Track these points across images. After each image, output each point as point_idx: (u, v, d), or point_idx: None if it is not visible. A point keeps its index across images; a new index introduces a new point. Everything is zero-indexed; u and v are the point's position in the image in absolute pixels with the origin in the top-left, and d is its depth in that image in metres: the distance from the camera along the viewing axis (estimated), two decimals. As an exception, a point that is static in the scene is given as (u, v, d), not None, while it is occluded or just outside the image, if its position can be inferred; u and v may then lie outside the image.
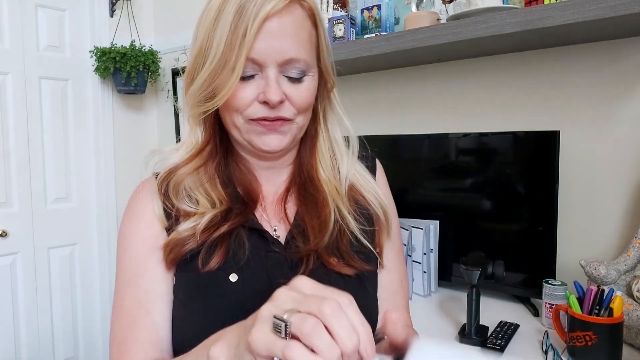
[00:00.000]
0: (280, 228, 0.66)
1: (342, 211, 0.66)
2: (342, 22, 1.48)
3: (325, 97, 0.69)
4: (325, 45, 0.64)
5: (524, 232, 1.28)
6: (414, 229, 1.36)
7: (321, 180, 0.68)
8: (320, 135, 0.70)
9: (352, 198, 0.69)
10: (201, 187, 0.64)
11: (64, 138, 2.17)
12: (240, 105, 0.59)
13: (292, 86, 0.60)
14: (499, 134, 1.32)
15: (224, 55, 0.56)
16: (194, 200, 0.64)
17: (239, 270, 0.61)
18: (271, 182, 0.70)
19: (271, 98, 0.57)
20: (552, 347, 0.97)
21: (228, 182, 0.67)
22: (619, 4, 0.98)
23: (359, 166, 0.72)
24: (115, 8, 2.28)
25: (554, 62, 1.33)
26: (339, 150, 0.71)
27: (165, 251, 0.61)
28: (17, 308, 2.04)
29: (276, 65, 0.58)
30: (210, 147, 0.66)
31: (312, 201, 0.66)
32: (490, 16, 1.14)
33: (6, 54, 1.95)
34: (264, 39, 0.56)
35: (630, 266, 1.09)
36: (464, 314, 1.09)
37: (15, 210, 2.02)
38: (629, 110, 1.23)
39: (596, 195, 1.28)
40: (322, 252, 0.63)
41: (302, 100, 0.61)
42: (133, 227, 0.65)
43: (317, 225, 0.64)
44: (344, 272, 0.62)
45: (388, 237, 0.72)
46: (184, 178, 0.64)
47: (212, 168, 0.66)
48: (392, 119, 1.67)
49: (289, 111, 0.61)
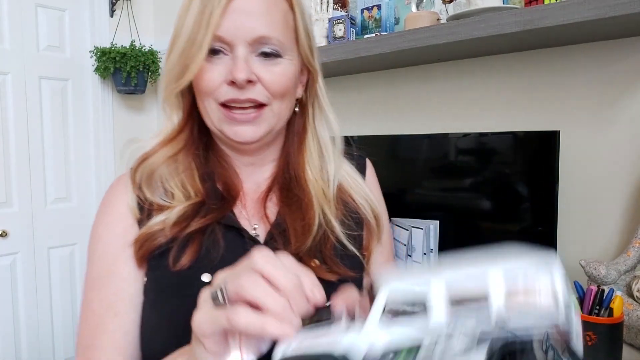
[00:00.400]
0: (260, 227, 0.63)
1: (327, 215, 0.63)
2: (342, 22, 1.48)
3: (315, 91, 0.67)
4: (303, 29, 0.61)
5: (524, 232, 1.28)
6: (414, 229, 1.36)
7: (308, 180, 0.65)
8: (309, 133, 0.67)
9: (341, 200, 0.66)
10: (177, 178, 0.62)
11: (64, 138, 2.17)
12: (208, 87, 0.57)
13: (265, 68, 0.57)
14: (499, 134, 1.32)
15: (193, 33, 0.55)
16: (169, 194, 0.61)
17: (213, 270, 0.56)
18: (253, 179, 0.67)
19: (237, 76, 0.55)
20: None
21: (207, 178, 0.64)
22: (619, 4, 0.98)
23: (347, 167, 0.69)
24: (115, 8, 2.28)
25: (554, 62, 1.33)
26: (327, 150, 0.68)
27: (136, 247, 0.59)
28: (17, 308, 2.04)
29: (246, 44, 0.56)
30: (185, 135, 0.63)
31: (296, 202, 0.63)
32: (490, 16, 1.14)
33: (6, 54, 1.95)
34: (231, 16, 0.55)
35: (630, 266, 1.09)
36: (464, 314, 1.09)
37: (15, 210, 2.02)
38: (629, 110, 1.23)
39: (596, 195, 1.28)
40: (304, 255, 0.60)
41: (276, 83, 0.58)
42: (104, 224, 0.62)
43: (299, 227, 0.61)
44: (326, 278, 0.59)
45: (378, 241, 0.69)
46: (157, 166, 0.61)
47: (189, 157, 0.63)
48: (392, 119, 1.67)
49: (261, 94, 0.58)
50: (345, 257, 0.63)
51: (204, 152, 0.65)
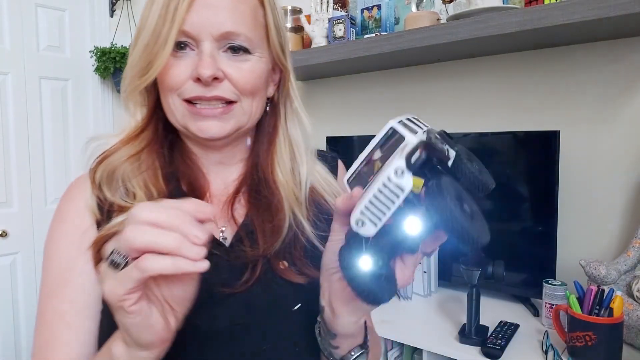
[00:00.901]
0: (227, 230, 0.61)
1: (297, 216, 0.61)
2: (342, 22, 1.48)
3: (287, 90, 0.64)
4: (274, 26, 0.59)
5: (524, 232, 1.28)
6: (414, 229, 1.35)
7: (277, 182, 0.63)
8: (280, 132, 0.65)
9: (313, 202, 0.64)
10: (139, 177, 0.59)
11: (64, 138, 2.17)
12: (173, 83, 0.55)
13: (233, 64, 0.56)
14: (499, 134, 1.32)
15: (157, 27, 0.53)
16: (131, 195, 0.58)
17: None
18: (221, 179, 0.64)
19: (202, 72, 0.53)
20: (552, 347, 0.97)
21: (171, 178, 0.61)
22: (619, 4, 0.98)
23: (320, 167, 0.67)
24: (115, 8, 2.28)
25: (554, 62, 1.33)
26: (299, 151, 0.65)
27: (94, 249, 0.56)
28: (17, 308, 2.04)
29: (212, 39, 0.54)
30: (148, 133, 0.60)
31: (265, 204, 0.61)
32: (490, 16, 1.14)
33: (6, 54, 1.95)
34: (198, 11, 0.53)
35: (630, 266, 1.09)
36: (464, 314, 1.09)
37: (15, 210, 2.02)
38: (628, 110, 1.23)
39: (596, 195, 1.28)
40: (273, 258, 0.58)
41: (244, 80, 0.56)
42: (60, 229, 0.59)
43: (268, 229, 0.59)
44: (295, 281, 0.57)
45: None
46: (118, 165, 0.58)
47: (153, 155, 0.60)
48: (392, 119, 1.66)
49: (228, 91, 0.56)
50: (316, 258, 0.59)
51: (169, 150, 0.62)
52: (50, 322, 0.55)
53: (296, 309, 0.57)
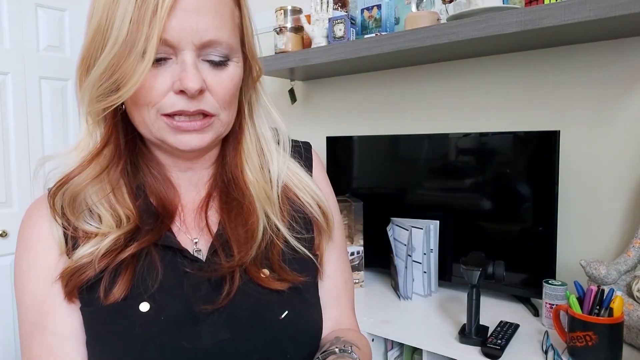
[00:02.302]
0: (201, 241, 0.58)
1: (271, 218, 0.58)
2: (342, 22, 1.48)
3: (250, 87, 0.60)
4: (249, 26, 0.56)
5: (524, 232, 1.28)
6: (414, 229, 1.36)
7: (247, 182, 0.60)
8: (245, 130, 0.61)
9: (286, 200, 0.61)
10: (105, 200, 0.54)
11: (64, 138, 2.17)
12: (152, 97, 0.49)
13: (213, 74, 0.51)
14: (499, 134, 1.32)
15: (130, 35, 0.45)
16: (96, 217, 0.54)
17: (151, 298, 0.52)
18: (191, 186, 0.61)
19: (189, 86, 0.48)
20: (553, 347, 0.97)
21: (138, 192, 0.57)
22: (619, 4, 0.98)
23: (292, 164, 0.64)
24: (115, 8, 2.28)
25: (554, 62, 1.33)
26: (268, 148, 0.62)
27: (63, 282, 0.52)
28: (17, 308, 2.04)
29: (193, 47, 0.49)
30: (110, 149, 0.54)
31: (236, 207, 0.58)
32: (490, 16, 1.14)
33: (6, 54, 1.95)
34: (178, 16, 0.47)
35: (631, 266, 1.09)
36: (464, 314, 1.09)
37: (15, 210, 2.02)
38: (629, 110, 1.23)
39: (596, 195, 1.28)
40: (250, 266, 0.55)
41: (224, 90, 0.52)
42: (28, 260, 0.55)
43: (242, 235, 0.56)
44: (275, 288, 0.55)
45: (330, 239, 0.64)
46: (82, 189, 0.54)
47: (117, 174, 0.56)
48: (392, 119, 1.67)
49: (210, 104, 0.52)
50: (294, 261, 0.59)
51: (132, 163, 0.58)
52: (39, 357, 0.53)
53: (283, 317, 0.55)
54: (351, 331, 0.64)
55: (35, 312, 0.54)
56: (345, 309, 0.67)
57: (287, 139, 0.65)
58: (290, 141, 0.65)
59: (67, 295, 0.53)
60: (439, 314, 1.25)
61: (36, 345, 0.54)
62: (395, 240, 1.39)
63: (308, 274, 0.60)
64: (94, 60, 0.49)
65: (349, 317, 0.67)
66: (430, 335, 1.12)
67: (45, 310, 0.54)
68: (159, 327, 0.51)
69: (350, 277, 0.70)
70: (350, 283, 0.69)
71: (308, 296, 0.60)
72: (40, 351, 0.53)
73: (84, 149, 0.55)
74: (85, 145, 0.55)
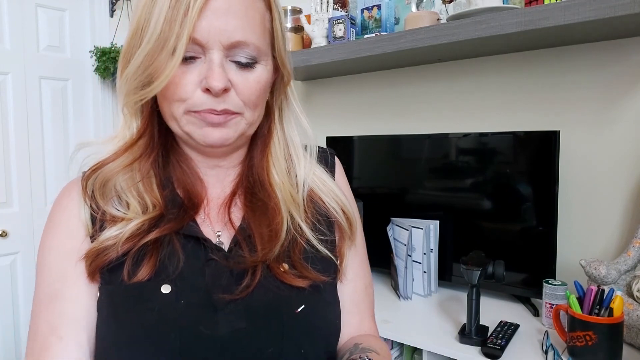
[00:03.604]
0: (224, 234, 0.60)
1: (295, 219, 0.60)
2: (342, 22, 1.48)
3: (281, 92, 0.62)
4: (280, 32, 0.57)
5: (524, 232, 1.28)
6: (414, 229, 1.36)
7: (273, 184, 0.61)
8: (274, 135, 0.63)
9: (311, 203, 0.63)
10: (134, 188, 0.57)
11: (64, 138, 2.17)
12: (180, 94, 0.52)
13: (239, 74, 0.53)
14: (499, 134, 1.32)
15: (163, 34, 0.49)
16: (124, 203, 0.57)
17: (172, 282, 0.54)
18: (218, 183, 0.63)
19: (214, 84, 0.50)
20: (552, 347, 0.97)
21: (167, 183, 0.60)
22: (619, 4, 0.98)
23: (318, 169, 0.66)
24: (115, 8, 2.28)
25: (554, 62, 1.33)
26: (296, 153, 0.64)
27: (87, 262, 0.55)
28: (17, 308, 2.04)
29: (221, 48, 0.51)
30: (144, 141, 0.58)
31: (261, 207, 0.60)
32: (490, 16, 1.14)
33: (6, 54, 1.95)
34: (208, 17, 0.49)
35: (631, 266, 1.09)
36: (464, 314, 1.09)
37: (15, 210, 2.02)
38: (629, 110, 1.23)
39: (596, 195, 1.28)
40: (272, 262, 0.57)
41: (250, 91, 0.54)
42: (53, 238, 0.58)
43: (266, 234, 0.58)
44: (295, 284, 0.56)
45: (352, 243, 0.66)
46: (113, 175, 0.57)
47: (148, 164, 0.58)
48: (392, 119, 1.67)
49: (234, 103, 0.54)
50: (316, 260, 0.60)
51: (164, 156, 0.61)
52: (42, 334, 0.55)
53: (299, 311, 0.56)
54: (370, 337, 0.64)
55: (49, 290, 0.56)
56: (365, 316, 0.67)
57: (314, 145, 0.66)
58: (317, 147, 0.67)
59: (90, 275, 0.55)
60: (439, 314, 1.25)
61: (42, 322, 0.55)
62: (395, 240, 1.39)
63: (329, 274, 0.61)
64: (132, 56, 0.52)
65: (368, 323, 0.67)
66: (430, 335, 1.12)
67: (59, 289, 0.56)
68: (179, 311, 0.53)
69: (371, 282, 0.71)
70: (371, 288, 0.70)
71: (326, 295, 0.60)
72: (44, 328, 0.55)
73: (121, 139, 0.58)
74: (123, 136, 0.59)
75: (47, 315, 0.55)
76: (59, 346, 0.54)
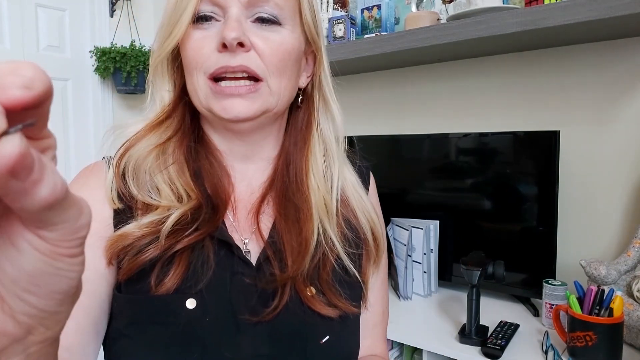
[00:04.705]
0: (251, 243, 0.54)
1: (327, 230, 0.54)
2: (342, 22, 1.48)
3: (319, 80, 0.58)
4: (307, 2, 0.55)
5: (524, 232, 1.28)
6: (414, 229, 1.36)
7: (310, 188, 0.56)
8: (314, 130, 0.58)
9: (342, 215, 0.58)
10: (165, 171, 0.52)
11: (64, 138, 2.17)
12: (198, 57, 0.50)
13: (261, 33, 0.51)
14: (499, 134, 1.32)
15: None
16: (154, 189, 0.51)
17: (198, 295, 0.49)
18: (246, 181, 0.58)
19: (226, 34, 0.48)
20: (552, 347, 0.97)
21: (197, 176, 0.55)
22: (619, 4, 0.98)
23: (350, 175, 0.61)
24: (115, 8, 2.28)
25: (554, 62, 1.33)
26: (331, 152, 0.59)
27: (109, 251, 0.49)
28: (17, 308, 2.04)
29: (239, 5, 0.50)
30: (175, 121, 0.55)
31: (294, 214, 0.54)
32: (490, 16, 1.14)
33: (6, 54, 1.95)
34: None
35: (631, 266, 1.09)
36: (464, 314, 1.09)
37: (15, 210, 2.02)
38: (629, 110, 1.23)
39: (596, 195, 1.28)
40: (300, 283, 0.52)
41: (272, 52, 0.51)
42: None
43: (296, 245, 0.52)
44: (324, 313, 0.52)
45: (376, 265, 0.61)
46: (144, 158, 0.52)
47: (180, 148, 0.55)
48: (392, 119, 1.67)
49: (255, 62, 0.50)
50: (345, 284, 0.55)
51: (194, 148, 0.56)
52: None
53: (324, 342, 0.53)
54: (378, 358, 0.63)
55: None
56: (377, 338, 0.65)
57: (345, 145, 0.62)
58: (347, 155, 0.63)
59: (109, 262, 0.50)
60: (439, 314, 1.25)
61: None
62: (395, 240, 1.39)
63: (357, 303, 0.57)
64: (161, 23, 0.54)
65: (380, 345, 0.65)
66: (430, 335, 1.12)
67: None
68: (203, 329, 0.49)
69: (387, 305, 0.67)
70: (387, 312, 0.67)
71: (352, 325, 0.57)
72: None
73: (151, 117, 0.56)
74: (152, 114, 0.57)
75: None
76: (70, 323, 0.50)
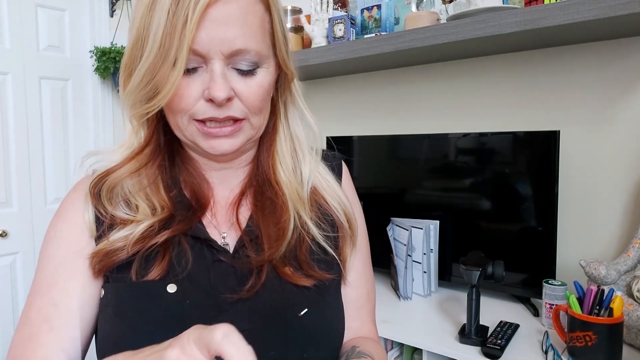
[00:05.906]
0: (230, 235, 0.60)
1: (302, 217, 0.60)
2: (342, 22, 1.48)
3: (285, 88, 0.62)
4: (281, 32, 0.56)
5: (524, 232, 1.28)
6: (414, 229, 1.35)
7: (280, 182, 0.62)
8: (280, 131, 0.63)
9: (315, 202, 0.63)
10: (142, 192, 0.58)
11: (64, 138, 2.17)
12: (185, 105, 0.52)
13: (242, 81, 0.53)
14: (499, 134, 1.32)
15: (163, 46, 0.48)
16: (133, 206, 0.57)
17: (179, 282, 0.55)
18: (225, 184, 0.63)
19: (216, 95, 0.50)
20: (552, 347, 0.97)
21: (173, 185, 0.60)
22: (619, 4, 0.98)
23: (322, 168, 0.66)
24: (115, 8, 2.28)
25: (554, 62, 1.33)
26: (301, 149, 0.65)
27: (94, 261, 0.55)
28: (17, 308, 2.04)
29: (222, 57, 0.51)
30: (151, 148, 0.59)
31: (269, 206, 0.60)
32: (490, 16, 1.14)
33: (6, 54, 1.95)
34: (207, 27, 0.49)
35: (630, 266, 1.09)
36: (464, 314, 1.09)
37: (15, 210, 2.02)
38: (628, 110, 1.23)
39: (596, 195, 1.28)
40: (278, 262, 0.57)
41: (253, 97, 0.54)
42: (58, 229, 0.58)
43: (274, 233, 0.58)
44: (300, 284, 0.57)
45: (353, 246, 0.66)
46: (120, 181, 0.58)
47: (154, 169, 0.60)
48: (392, 119, 1.67)
49: (238, 110, 0.54)
50: (321, 260, 0.61)
51: (170, 159, 0.61)
52: (32, 321, 0.54)
53: (302, 314, 0.56)
54: (369, 340, 0.65)
55: (47, 278, 0.56)
56: (365, 320, 0.67)
57: (319, 142, 0.67)
58: (322, 150, 0.68)
59: (95, 273, 0.56)
60: (438, 314, 1.25)
61: (35, 309, 0.55)
62: (395, 240, 1.39)
63: (333, 273, 0.61)
64: (134, 68, 0.52)
65: (368, 327, 0.68)
66: (430, 335, 1.12)
67: (56, 279, 0.55)
68: (184, 311, 0.53)
69: (373, 287, 0.71)
70: (373, 293, 0.70)
71: (329, 297, 0.61)
72: (36, 315, 0.55)
73: (129, 147, 0.59)
74: (130, 144, 0.59)
75: (41, 304, 0.55)
76: (48, 337, 0.53)
